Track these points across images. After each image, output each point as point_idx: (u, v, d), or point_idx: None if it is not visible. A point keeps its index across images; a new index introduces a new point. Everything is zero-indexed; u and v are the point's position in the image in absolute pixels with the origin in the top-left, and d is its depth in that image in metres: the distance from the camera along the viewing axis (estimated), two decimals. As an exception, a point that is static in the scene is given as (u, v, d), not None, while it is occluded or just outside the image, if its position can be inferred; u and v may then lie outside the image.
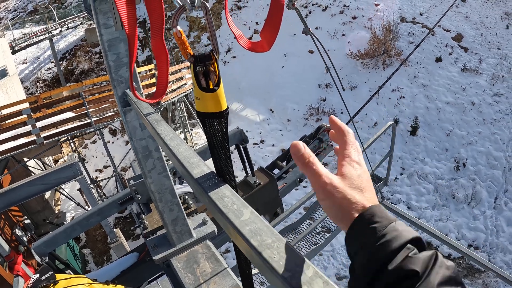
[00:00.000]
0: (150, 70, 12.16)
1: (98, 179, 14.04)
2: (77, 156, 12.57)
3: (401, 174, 13.16)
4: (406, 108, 14.96)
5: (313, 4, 19.90)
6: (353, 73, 16.50)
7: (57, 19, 22.32)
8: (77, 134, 12.39)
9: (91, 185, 11.49)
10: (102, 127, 10.97)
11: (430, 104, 14.93)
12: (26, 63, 22.65)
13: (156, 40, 0.97)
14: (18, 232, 9.44)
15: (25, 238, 9.66)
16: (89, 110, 9.57)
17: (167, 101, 11.60)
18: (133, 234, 12.31)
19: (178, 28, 0.86)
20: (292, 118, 15.65)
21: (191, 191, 4.41)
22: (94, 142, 16.85)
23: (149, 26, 1.01)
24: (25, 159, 10.54)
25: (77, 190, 12.95)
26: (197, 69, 0.87)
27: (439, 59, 16.50)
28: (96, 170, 15.52)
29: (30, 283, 2.08)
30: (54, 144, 9.92)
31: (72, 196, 11.92)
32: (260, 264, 0.63)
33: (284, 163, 4.85)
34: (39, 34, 20.62)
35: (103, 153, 15.29)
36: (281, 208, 4.53)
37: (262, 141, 14.71)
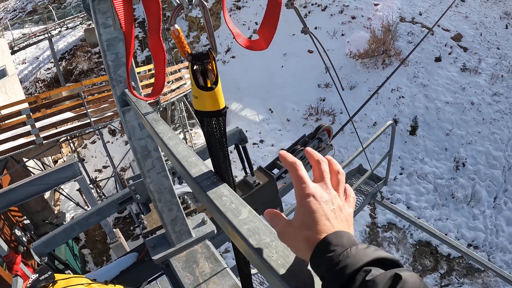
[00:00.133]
0: (150, 70, 12.13)
1: (98, 179, 14.03)
2: (77, 156, 12.57)
3: (401, 174, 13.16)
4: (406, 108, 14.97)
5: (313, 4, 19.90)
6: (353, 73, 16.50)
7: (56, 19, 22.31)
8: (77, 134, 12.38)
9: (91, 185, 11.47)
10: (102, 127, 10.96)
11: (430, 104, 14.94)
12: (26, 63, 22.63)
13: (153, 39, 0.97)
14: (18, 233, 9.42)
15: (25, 239, 9.64)
16: (89, 110, 9.56)
17: (167, 101, 11.58)
18: (133, 234, 12.30)
19: (176, 27, 0.85)
20: (292, 118, 15.65)
21: (191, 191, 4.41)
22: (94, 142, 16.83)
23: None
24: (25, 159, 10.53)
25: (77, 190, 12.93)
26: (195, 68, 0.87)
27: (439, 59, 16.50)
28: (96, 170, 15.50)
29: (29, 283, 2.08)
30: (54, 144, 9.91)
31: (72, 196, 11.90)
32: (259, 263, 0.62)
33: (284, 163, 4.84)
34: (38, 34, 20.60)
35: (103, 153, 15.28)
36: (281, 208, 4.53)
37: (262, 141, 14.71)
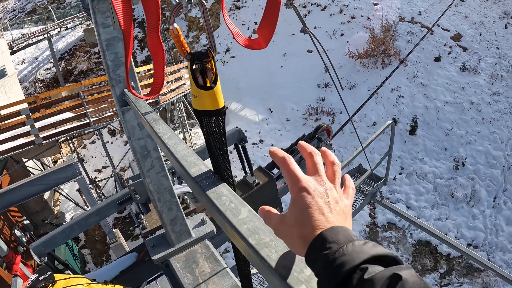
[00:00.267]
0: (149, 70, 12.12)
1: (97, 180, 14.02)
2: (76, 157, 12.56)
3: (400, 174, 13.16)
4: (405, 108, 14.97)
5: (312, 4, 19.90)
6: (352, 73, 16.51)
7: (56, 19, 22.30)
8: (76, 134, 12.37)
9: (90, 186, 11.47)
10: (101, 127, 10.95)
11: (429, 104, 14.94)
12: (25, 64, 22.61)
13: (152, 37, 0.97)
14: (17, 233, 9.41)
15: (24, 239, 9.62)
16: (88, 110, 9.56)
17: (166, 101, 11.57)
18: (132, 234, 12.29)
19: (175, 26, 0.85)
20: (291, 118, 15.65)
21: (190, 191, 4.40)
22: (93, 143, 16.82)
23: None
24: (24, 160, 10.52)
25: (76, 191, 12.93)
26: (194, 67, 0.87)
27: (438, 59, 16.51)
28: (95, 171, 15.50)
29: (29, 283, 2.07)
30: (53, 145, 9.90)
31: (71, 197, 11.90)
32: (258, 263, 0.62)
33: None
34: (38, 35, 20.58)
35: (102, 153, 15.27)
36: (281, 208, 4.53)
37: (261, 141, 14.70)
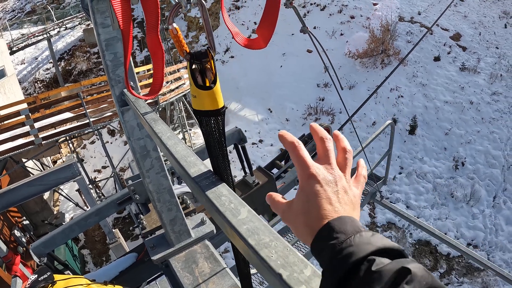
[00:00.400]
0: (149, 70, 12.11)
1: (97, 180, 14.01)
2: (76, 157, 12.56)
3: (400, 173, 13.16)
4: (405, 107, 14.98)
5: (311, 4, 19.90)
6: (352, 73, 16.51)
7: (55, 20, 22.30)
8: (76, 135, 12.36)
9: (90, 186, 11.46)
10: (101, 128, 10.94)
11: (429, 103, 14.95)
12: (24, 64, 22.60)
13: (152, 37, 0.97)
14: (17, 233, 9.40)
15: (24, 239, 9.62)
16: (88, 111, 9.55)
17: (166, 101, 11.56)
18: (132, 235, 12.29)
19: (174, 25, 0.85)
20: (291, 118, 15.65)
21: (190, 191, 4.40)
22: (93, 143, 16.81)
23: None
24: (24, 160, 10.51)
25: (76, 191, 12.91)
26: (194, 67, 0.87)
27: (438, 58, 16.51)
28: (95, 171, 15.49)
29: (28, 284, 2.07)
30: (53, 145, 9.89)
31: (71, 197, 11.89)
32: (258, 264, 0.62)
33: (283, 163, 4.85)
34: (37, 35, 20.57)
35: (102, 154, 15.26)
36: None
37: (261, 141, 14.70)
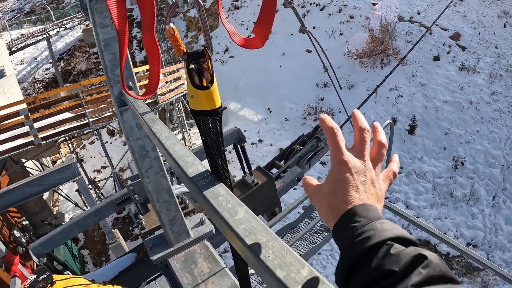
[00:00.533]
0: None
1: (96, 180, 14.01)
2: (75, 157, 12.53)
3: (400, 173, 13.17)
4: (404, 107, 14.98)
5: (311, 4, 19.90)
6: (351, 72, 16.51)
7: (55, 20, 22.27)
8: (75, 135, 12.35)
9: (89, 186, 11.45)
10: (100, 128, 10.94)
11: (428, 103, 14.95)
12: (24, 64, 22.58)
13: (148, 37, 0.97)
14: (16, 233, 9.39)
15: (23, 239, 9.61)
16: (87, 111, 9.54)
17: (165, 101, 11.56)
18: (132, 235, 12.28)
19: (171, 25, 0.85)
20: (290, 118, 15.64)
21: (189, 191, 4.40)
22: (92, 143, 16.80)
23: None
24: (23, 160, 10.50)
25: (75, 191, 12.90)
26: (191, 67, 0.86)
27: (437, 58, 16.52)
28: (94, 171, 15.49)
29: (27, 284, 2.07)
30: (52, 145, 9.89)
31: (71, 197, 11.89)
32: (255, 264, 0.62)
33: (282, 163, 4.85)
34: (37, 35, 20.55)
35: (101, 154, 15.25)
36: (279, 208, 4.53)
37: (260, 141, 14.70)
